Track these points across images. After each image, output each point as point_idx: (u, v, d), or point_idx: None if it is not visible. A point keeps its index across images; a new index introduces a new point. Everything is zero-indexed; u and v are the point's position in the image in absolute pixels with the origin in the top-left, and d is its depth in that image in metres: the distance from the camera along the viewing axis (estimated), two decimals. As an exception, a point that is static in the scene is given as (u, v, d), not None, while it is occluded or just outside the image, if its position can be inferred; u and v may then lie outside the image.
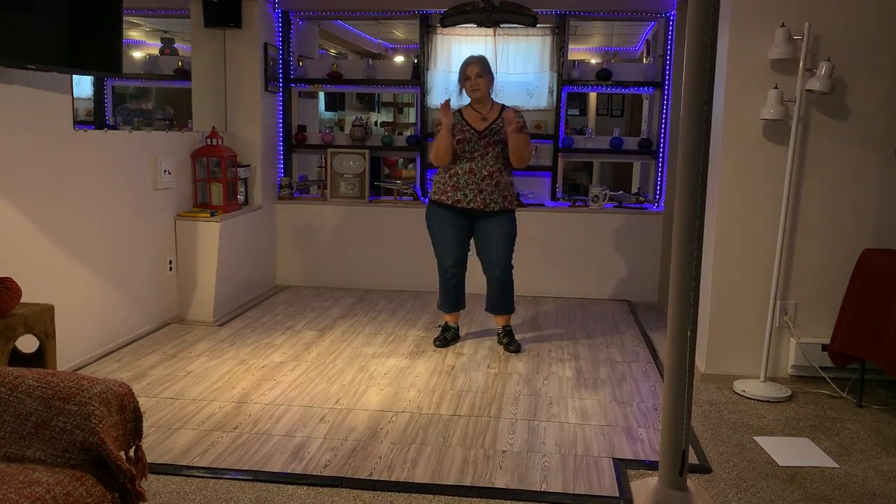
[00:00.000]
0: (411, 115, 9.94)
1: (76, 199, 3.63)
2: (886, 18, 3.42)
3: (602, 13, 5.53)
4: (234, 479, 2.58)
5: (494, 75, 4.15)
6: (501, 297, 4.17)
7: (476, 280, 4.28)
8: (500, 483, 2.60)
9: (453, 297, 4.24)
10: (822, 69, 3.36)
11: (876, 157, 3.52)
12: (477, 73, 4.00)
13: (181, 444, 2.85)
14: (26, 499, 1.52)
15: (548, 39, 5.55)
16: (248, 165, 5.19)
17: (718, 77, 3.41)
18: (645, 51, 7.20)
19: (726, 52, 3.51)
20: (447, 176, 4.04)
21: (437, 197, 4.09)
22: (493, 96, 4.14)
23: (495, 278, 4.11)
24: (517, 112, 4.00)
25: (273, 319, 4.71)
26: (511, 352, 4.13)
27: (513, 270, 4.14)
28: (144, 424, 1.85)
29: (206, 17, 4.98)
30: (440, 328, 4.36)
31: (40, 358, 2.81)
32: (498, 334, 4.29)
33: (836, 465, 2.80)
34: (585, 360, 4.04)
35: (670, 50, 5.32)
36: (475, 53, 4.13)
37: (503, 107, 4.06)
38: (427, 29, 5.61)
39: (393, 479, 2.61)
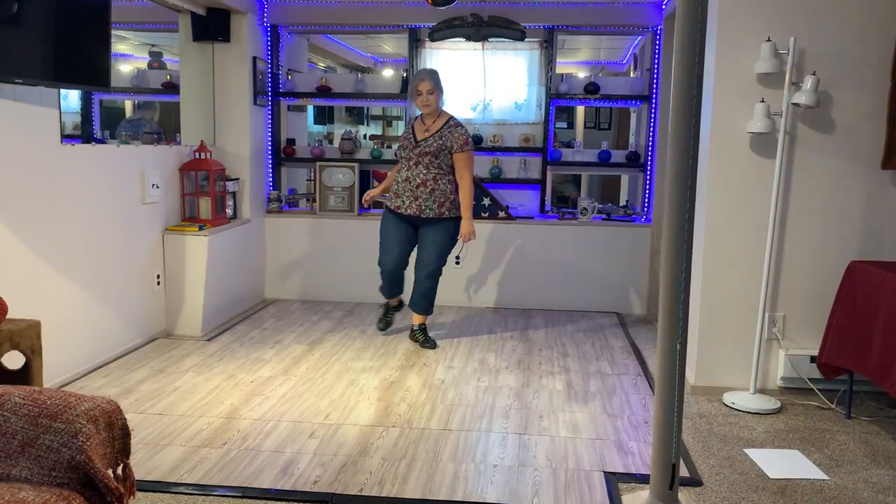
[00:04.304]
0: (400, 128, 9.95)
1: (63, 213, 3.60)
2: (870, 33, 3.46)
3: (590, 27, 5.56)
4: (223, 496, 2.56)
5: (443, 89, 4.33)
6: (420, 297, 4.44)
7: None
8: (491, 498, 2.58)
9: (388, 288, 4.59)
10: (808, 83, 3.39)
11: (862, 169, 3.55)
12: (428, 89, 4.23)
13: (169, 460, 2.82)
14: (12, 519, 1.50)
15: (536, 53, 5.58)
16: (237, 179, 5.18)
17: (706, 91, 3.44)
18: (632, 64, 7.26)
19: (713, 66, 3.54)
20: (394, 183, 4.39)
21: (386, 203, 4.46)
22: (443, 107, 4.35)
23: (419, 279, 4.40)
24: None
25: (262, 334, 4.68)
26: (426, 348, 4.41)
27: (439, 277, 4.41)
28: (132, 441, 1.83)
29: (195, 32, 4.97)
30: (382, 308, 4.78)
31: (26, 374, 2.78)
32: (413, 330, 4.52)
33: (827, 478, 2.81)
34: (576, 373, 4.03)
35: (657, 64, 5.36)
36: (426, 68, 4.38)
37: (447, 120, 4.28)
38: (416, 43, 5.62)
39: (383, 494, 2.60)
